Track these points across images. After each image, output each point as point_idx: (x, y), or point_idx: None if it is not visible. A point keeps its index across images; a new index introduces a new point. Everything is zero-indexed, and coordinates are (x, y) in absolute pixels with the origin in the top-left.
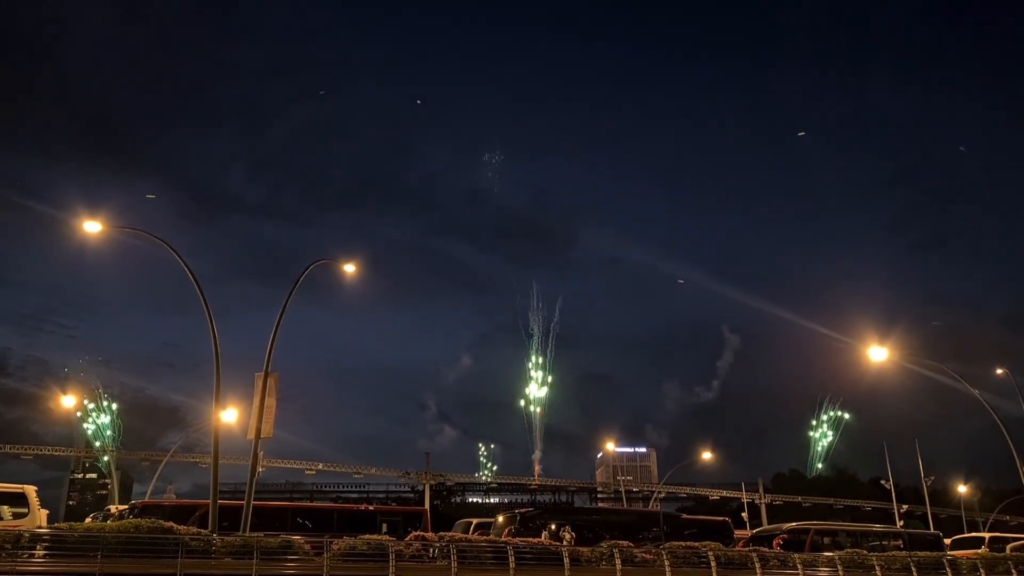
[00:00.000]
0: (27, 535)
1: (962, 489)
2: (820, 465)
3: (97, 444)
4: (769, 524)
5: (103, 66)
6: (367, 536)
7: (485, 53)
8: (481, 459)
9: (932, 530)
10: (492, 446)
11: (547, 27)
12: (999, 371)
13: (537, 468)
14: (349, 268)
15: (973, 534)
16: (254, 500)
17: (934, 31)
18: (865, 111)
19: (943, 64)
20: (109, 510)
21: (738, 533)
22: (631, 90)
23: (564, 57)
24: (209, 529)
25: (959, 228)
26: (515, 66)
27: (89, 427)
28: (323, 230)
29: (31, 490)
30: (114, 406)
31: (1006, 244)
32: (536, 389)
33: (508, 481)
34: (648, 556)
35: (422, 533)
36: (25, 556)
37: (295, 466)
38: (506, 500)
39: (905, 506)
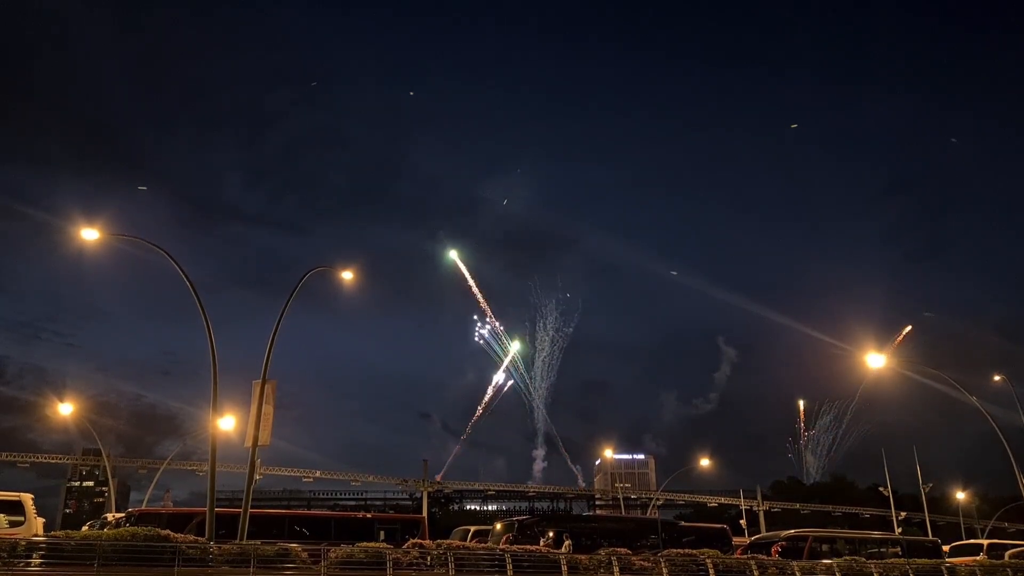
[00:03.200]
0: (23, 543)
1: (960, 496)
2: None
3: None
4: (767, 531)
5: (101, 74)
6: (365, 544)
7: (483, 61)
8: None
9: (930, 537)
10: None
11: (546, 35)
12: (997, 378)
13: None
14: (347, 275)
15: (971, 541)
16: (251, 508)
17: (930, 40)
18: (861, 119)
19: (938, 73)
20: (106, 518)
21: (736, 540)
22: (629, 98)
23: (562, 65)
24: (206, 537)
25: (955, 236)
26: (513, 74)
27: None
28: (321, 238)
29: (27, 498)
30: None
31: (1003, 252)
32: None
33: (506, 488)
34: (646, 564)
35: (420, 541)
36: (22, 564)
37: (292, 474)
38: (504, 507)
39: (903, 513)
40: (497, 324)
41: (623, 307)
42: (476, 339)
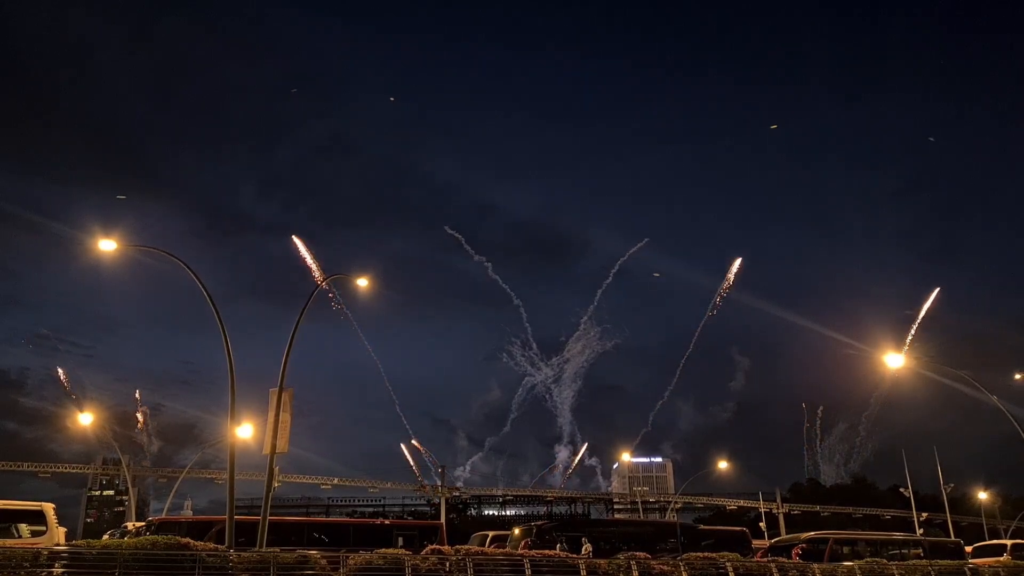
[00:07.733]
0: (45, 552)
1: (982, 496)
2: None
3: None
4: (787, 534)
5: (116, 87)
6: (383, 550)
7: (494, 69)
8: None
9: (953, 538)
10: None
11: (556, 43)
12: (1017, 377)
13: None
14: (362, 283)
15: (994, 541)
16: (270, 515)
17: (943, 42)
18: (874, 122)
19: (952, 74)
20: (126, 527)
21: (756, 543)
22: (643, 104)
23: (572, 72)
24: (226, 545)
25: (971, 235)
26: (523, 81)
27: None
28: (335, 246)
29: (49, 508)
30: None
31: (1020, 250)
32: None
33: (524, 493)
34: (666, 568)
35: (438, 547)
36: (44, 573)
37: (311, 481)
38: (522, 512)
39: (925, 514)
40: (530, 336)
41: (636, 310)
42: (503, 351)
